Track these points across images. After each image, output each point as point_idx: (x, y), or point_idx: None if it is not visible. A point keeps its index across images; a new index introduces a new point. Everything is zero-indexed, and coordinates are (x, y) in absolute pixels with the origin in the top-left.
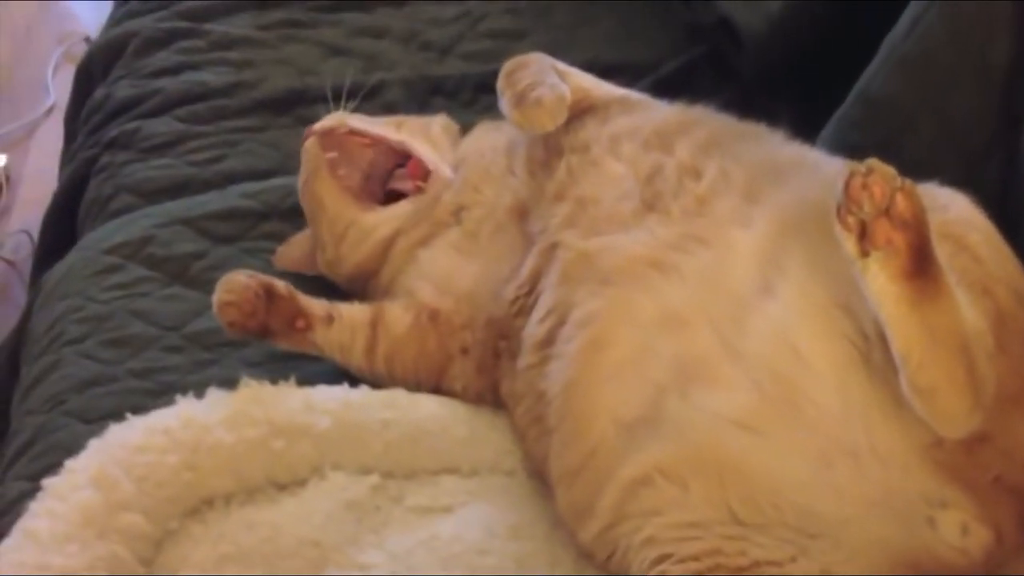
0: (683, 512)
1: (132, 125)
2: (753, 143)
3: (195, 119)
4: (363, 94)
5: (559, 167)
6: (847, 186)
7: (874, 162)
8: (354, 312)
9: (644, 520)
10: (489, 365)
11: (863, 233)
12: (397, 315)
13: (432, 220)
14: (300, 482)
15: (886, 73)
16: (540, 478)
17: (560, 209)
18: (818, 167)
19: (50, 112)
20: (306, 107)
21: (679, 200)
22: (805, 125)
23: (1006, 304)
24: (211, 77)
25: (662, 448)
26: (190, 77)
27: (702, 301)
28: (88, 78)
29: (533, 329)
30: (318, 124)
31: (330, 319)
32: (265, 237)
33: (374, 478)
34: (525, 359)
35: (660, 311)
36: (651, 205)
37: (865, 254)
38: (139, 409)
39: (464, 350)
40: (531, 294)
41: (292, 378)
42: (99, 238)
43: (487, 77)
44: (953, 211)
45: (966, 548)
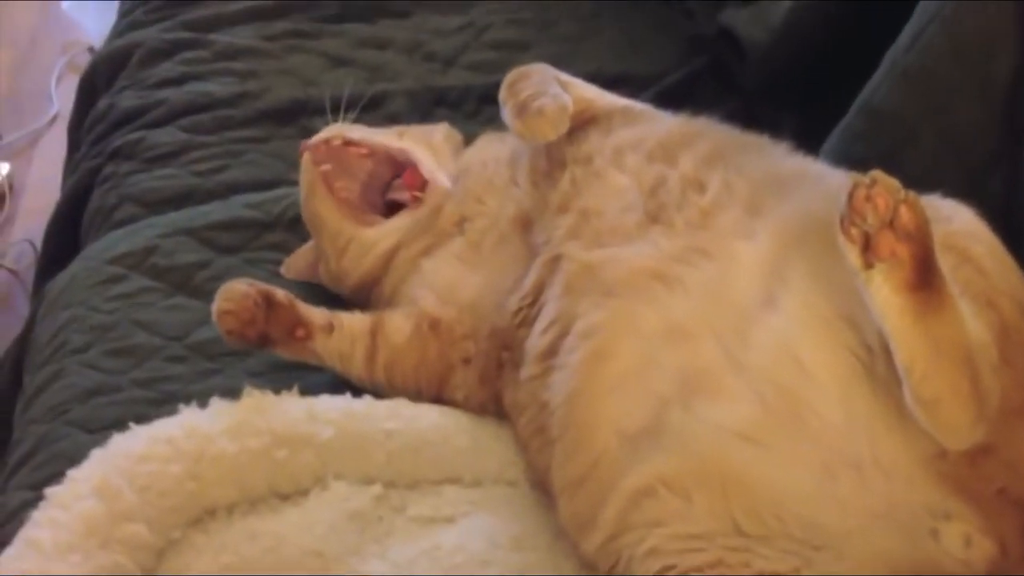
0: (686, 523)
1: (136, 135)
2: (756, 155)
3: (199, 129)
4: (365, 105)
5: (563, 178)
6: (851, 198)
7: (878, 174)
8: (354, 321)
9: (647, 531)
10: (492, 376)
11: (867, 245)
12: (397, 324)
13: (435, 231)
14: (303, 492)
15: (889, 86)
16: (542, 489)
17: (564, 221)
18: (821, 179)
19: (54, 122)
20: (310, 118)
21: (683, 212)
22: (807, 135)
23: (1010, 316)
24: (215, 87)
25: (665, 459)
26: (194, 87)
27: (705, 313)
28: (92, 88)
29: (536, 340)
30: (312, 139)
31: (330, 328)
32: (268, 247)
33: (377, 488)
34: (528, 370)
35: (664, 323)
36: (655, 217)
37: (869, 266)
38: (142, 419)
39: (466, 360)
40: (534, 305)
41: (295, 388)
42: (102, 248)
43: (490, 88)
44: (957, 223)
45: (969, 560)
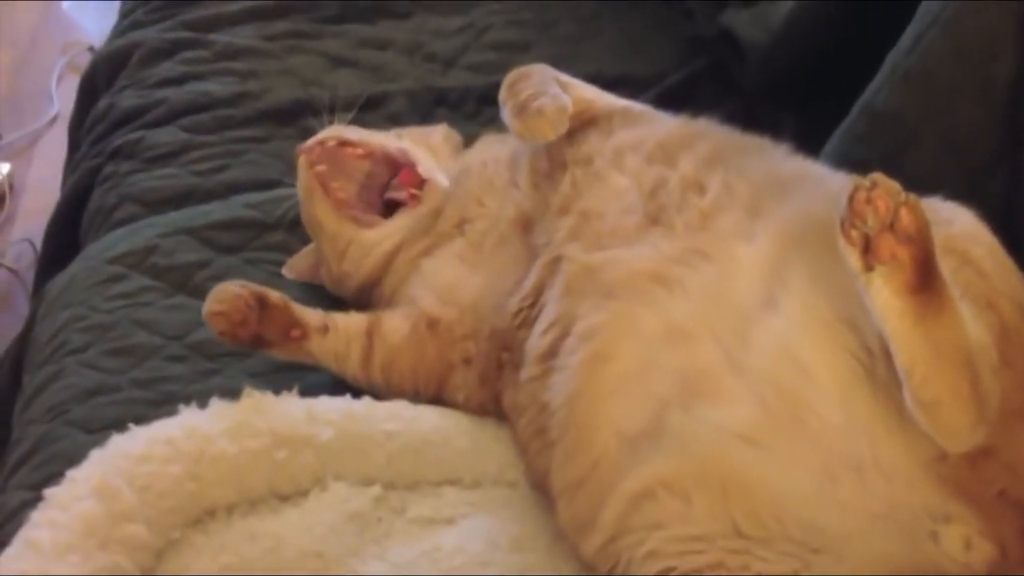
0: (686, 525)
1: (136, 135)
2: (757, 157)
3: (199, 129)
4: (365, 105)
5: (563, 180)
6: (851, 200)
7: (878, 176)
8: (350, 322)
9: (647, 533)
10: (492, 376)
11: (867, 247)
12: (395, 324)
13: (435, 232)
14: (302, 493)
15: (890, 88)
16: (542, 490)
17: (564, 222)
18: (822, 181)
19: (54, 121)
20: (310, 118)
21: (683, 214)
22: (808, 137)
23: (1010, 318)
24: (215, 87)
25: (665, 461)
26: (194, 87)
27: (706, 315)
28: (92, 88)
29: (536, 341)
30: (308, 141)
31: (325, 329)
32: (268, 247)
33: (376, 489)
34: (528, 371)
35: (664, 325)
36: (655, 219)
37: (869, 268)
38: (141, 419)
39: (467, 360)
40: (534, 306)
41: (295, 388)
42: (102, 248)
43: (491, 89)
44: (957, 225)
45: (969, 563)
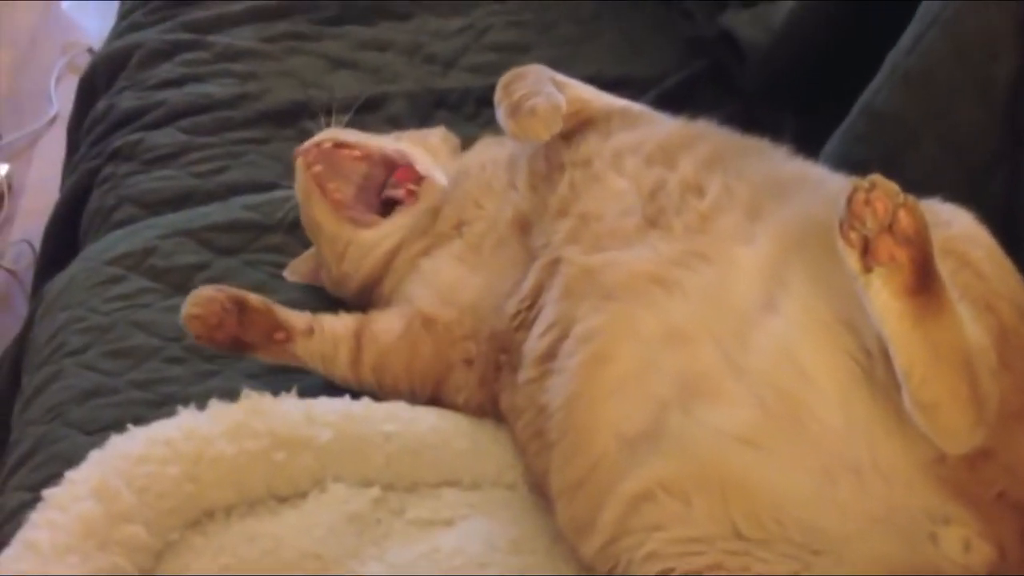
0: (685, 527)
1: (135, 136)
2: (756, 158)
3: (198, 131)
4: (365, 107)
5: (561, 182)
6: (850, 201)
7: (877, 178)
8: (336, 323)
9: (646, 535)
10: (490, 378)
11: (866, 249)
12: (386, 324)
13: (434, 233)
14: (301, 494)
15: (890, 88)
16: (541, 492)
17: (563, 224)
18: (821, 183)
19: (53, 122)
20: (309, 119)
21: (682, 216)
22: (808, 138)
23: (1009, 320)
24: (215, 89)
25: (664, 463)
26: (194, 89)
27: (705, 317)
28: (91, 89)
29: (534, 343)
30: (304, 143)
31: (311, 331)
32: (267, 249)
33: (375, 491)
34: (526, 373)
35: (663, 327)
36: (654, 221)
37: (868, 270)
38: (140, 420)
39: (468, 361)
40: (532, 308)
41: (294, 390)
42: (101, 249)
43: (490, 90)
44: (956, 227)
45: (969, 564)
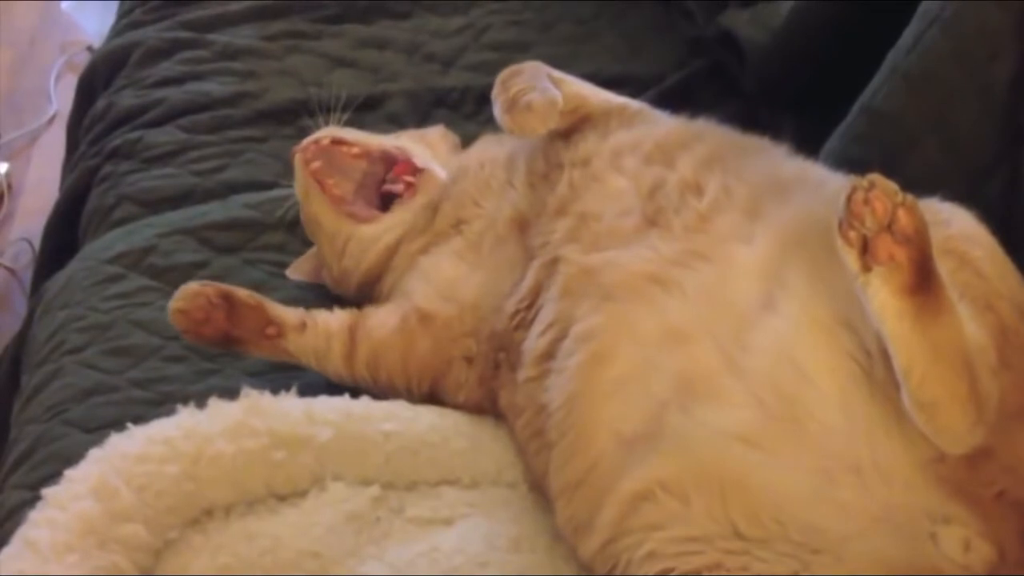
0: (684, 526)
1: (134, 135)
2: (755, 158)
3: (198, 129)
4: (365, 105)
5: (560, 181)
6: (849, 201)
7: (876, 177)
8: (330, 319)
9: (645, 535)
10: (489, 376)
11: (865, 248)
12: (381, 319)
13: (433, 230)
14: (300, 493)
15: (889, 88)
16: (540, 491)
17: (562, 224)
18: (821, 183)
19: (52, 121)
20: (309, 118)
21: (681, 216)
22: (807, 138)
23: (1009, 319)
24: (214, 87)
25: (663, 463)
26: (193, 87)
27: (704, 317)
28: (91, 87)
29: (533, 342)
30: (303, 141)
31: (303, 326)
32: (267, 248)
33: (375, 489)
34: (525, 372)
35: (662, 327)
36: (653, 220)
37: (867, 269)
38: (140, 419)
39: (468, 359)
40: (531, 307)
41: (293, 389)
42: (101, 247)
43: (490, 89)
44: (955, 226)
45: (968, 564)
